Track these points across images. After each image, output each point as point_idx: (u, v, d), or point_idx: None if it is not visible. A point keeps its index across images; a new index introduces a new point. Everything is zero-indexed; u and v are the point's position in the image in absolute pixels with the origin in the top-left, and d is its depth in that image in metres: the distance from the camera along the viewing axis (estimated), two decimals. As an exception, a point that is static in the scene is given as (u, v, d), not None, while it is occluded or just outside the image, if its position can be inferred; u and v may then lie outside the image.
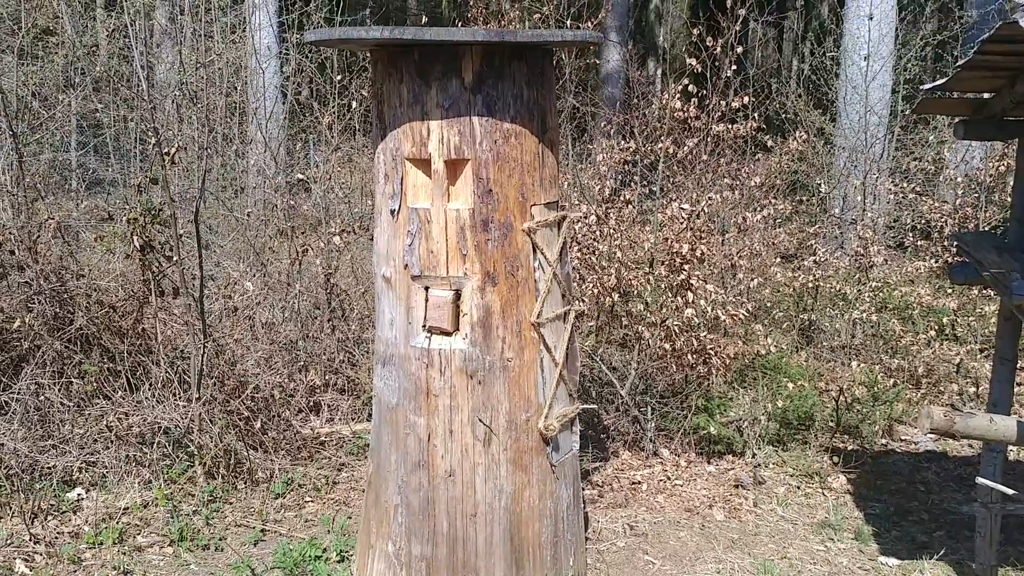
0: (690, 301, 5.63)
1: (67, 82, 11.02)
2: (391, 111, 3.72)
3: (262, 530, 4.92)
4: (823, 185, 9.13)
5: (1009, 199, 7.64)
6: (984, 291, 7.67)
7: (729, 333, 6.60)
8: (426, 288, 3.74)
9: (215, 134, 6.50)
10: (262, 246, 6.82)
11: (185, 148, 5.37)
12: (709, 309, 5.62)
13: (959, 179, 8.13)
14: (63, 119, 10.23)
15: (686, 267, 5.59)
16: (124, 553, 4.59)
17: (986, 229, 7.38)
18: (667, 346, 5.88)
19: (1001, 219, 8.15)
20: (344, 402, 6.51)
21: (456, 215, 3.65)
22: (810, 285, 7.96)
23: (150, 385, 5.33)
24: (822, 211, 9.64)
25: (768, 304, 8.23)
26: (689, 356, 5.79)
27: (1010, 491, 3.77)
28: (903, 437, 6.82)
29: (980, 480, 4.01)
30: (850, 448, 6.40)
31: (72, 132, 11.16)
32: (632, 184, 6.72)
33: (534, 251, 3.77)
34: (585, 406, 4.21)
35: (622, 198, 6.25)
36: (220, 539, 4.79)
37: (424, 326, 3.75)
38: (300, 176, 6.58)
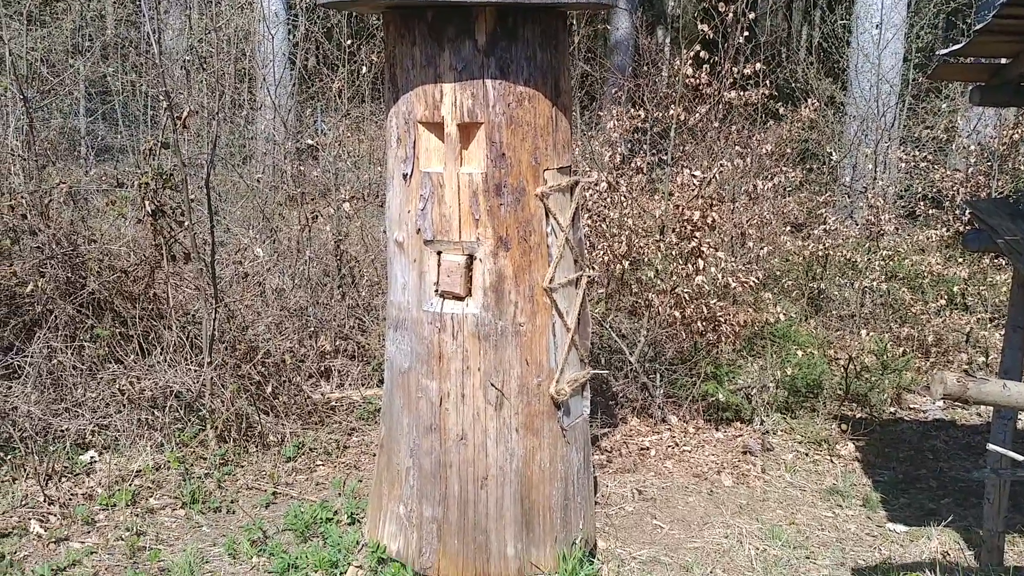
0: (701, 268, 5.62)
1: (75, 48, 10.98)
2: (403, 74, 3.70)
3: (273, 493, 4.96)
4: (834, 154, 9.06)
5: (1023, 167, 7.61)
6: (995, 260, 7.64)
7: (738, 301, 6.60)
8: (438, 253, 3.73)
9: (224, 100, 6.48)
10: (272, 212, 6.81)
11: (197, 113, 5.35)
12: (720, 276, 5.61)
13: (972, 147, 8.07)
14: (71, 85, 10.20)
15: (697, 234, 5.58)
16: (137, 515, 4.63)
17: (999, 197, 7.33)
18: (677, 313, 5.88)
19: (1013, 187, 8.10)
20: (354, 368, 6.54)
21: (469, 179, 3.64)
22: (820, 254, 7.94)
23: (162, 349, 5.35)
24: (832, 180, 9.58)
25: (777, 273, 8.22)
26: (699, 323, 5.80)
27: (1021, 457, 3.77)
28: (912, 406, 6.83)
29: (991, 447, 4.00)
30: (858, 416, 6.42)
31: (81, 98, 11.14)
32: (642, 152, 6.67)
33: (547, 216, 3.76)
34: (596, 371, 4.22)
35: (633, 165, 6.23)
36: (232, 502, 4.83)
37: (436, 290, 3.75)
38: (310, 142, 6.56)
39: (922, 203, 8.11)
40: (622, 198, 5.85)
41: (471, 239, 3.68)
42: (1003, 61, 4.41)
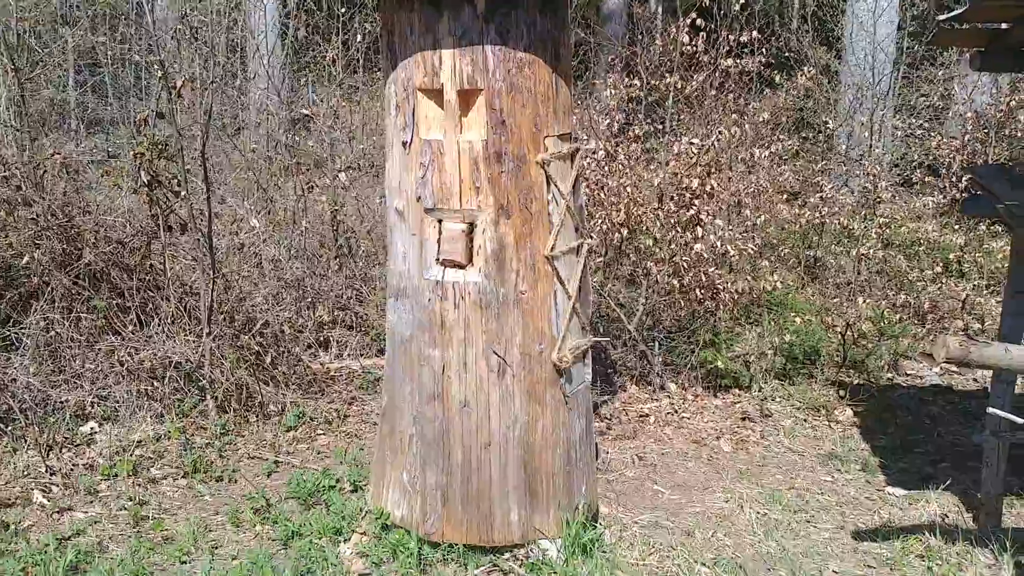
0: (699, 236, 5.62)
1: (63, 19, 10.88)
2: (402, 41, 3.67)
3: (275, 462, 4.97)
4: (830, 122, 9.05)
5: (1020, 134, 7.61)
6: (991, 227, 7.66)
7: (735, 269, 6.61)
8: (439, 221, 3.72)
9: (218, 69, 6.42)
10: (267, 183, 6.78)
11: (192, 82, 5.31)
12: (719, 244, 5.61)
13: (968, 115, 8.05)
14: (60, 57, 10.12)
15: (696, 202, 5.58)
16: (139, 485, 4.65)
17: (998, 163, 7.34)
18: (675, 282, 5.89)
19: (1009, 155, 8.10)
20: (352, 338, 6.55)
21: (469, 147, 3.62)
22: (816, 222, 7.94)
23: (159, 321, 5.34)
24: (828, 148, 9.57)
25: (774, 241, 8.23)
26: (697, 291, 5.80)
27: (1020, 420, 3.81)
28: (908, 372, 6.86)
29: (990, 410, 4.04)
30: (856, 383, 6.45)
31: (70, 70, 11.05)
32: (639, 121, 6.65)
33: (548, 183, 3.75)
34: (597, 339, 4.23)
35: (631, 134, 6.21)
36: (233, 471, 4.85)
37: (438, 259, 3.74)
38: (305, 112, 6.52)
39: (918, 171, 8.10)
40: (620, 166, 5.84)
41: (472, 207, 3.67)
42: (1003, 26, 4.39)
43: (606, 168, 6.04)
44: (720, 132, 5.92)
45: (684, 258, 5.69)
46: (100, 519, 4.33)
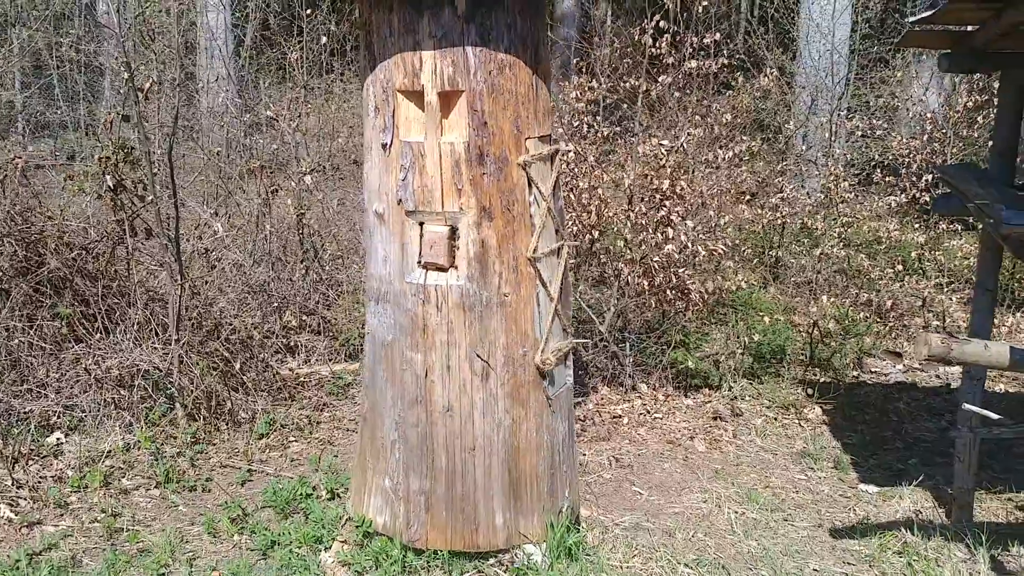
0: (670, 237, 5.64)
1: (8, 20, 10.63)
2: (380, 42, 3.63)
3: (248, 470, 4.89)
4: (791, 123, 9.15)
5: (975, 134, 7.76)
6: (951, 226, 7.80)
7: (699, 269, 6.64)
8: (421, 224, 3.69)
9: (182, 71, 6.29)
10: (231, 187, 6.67)
11: (159, 84, 5.20)
12: (689, 244, 5.64)
13: (928, 115, 8.17)
14: (5, 60, 9.89)
15: (667, 203, 5.59)
16: (110, 496, 4.54)
17: (955, 163, 7.47)
18: (645, 283, 5.90)
19: (965, 154, 8.25)
20: (320, 343, 6.47)
21: (451, 149, 3.59)
22: (777, 222, 8.02)
23: (125, 328, 5.23)
24: (786, 149, 9.68)
25: (736, 242, 8.29)
26: (668, 292, 5.82)
27: (995, 415, 3.86)
28: (873, 369, 6.96)
29: (965, 406, 4.10)
30: (822, 380, 6.51)
31: (16, 73, 10.80)
32: (608, 122, 6.65)
33: (529, 185, 3.73)
34: (577, 340, 4.22)
35: (600, 135, 6.21)
36: (207, 480, 4.76)
37: (419, 262, 3.71)
38: (269, 114, 6.43)
39: (878, 170, 8.22)
40: (590, 168, 5.84)
41: (454, 209, 3.63)
42: (968, 28, 4.47)
43: (575, 170, 6.03)
44: (689, 133, 5.94)
45: (655, 259, 5.70)
46: (72, 532, 4.22)
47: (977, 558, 4.19)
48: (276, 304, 6.34)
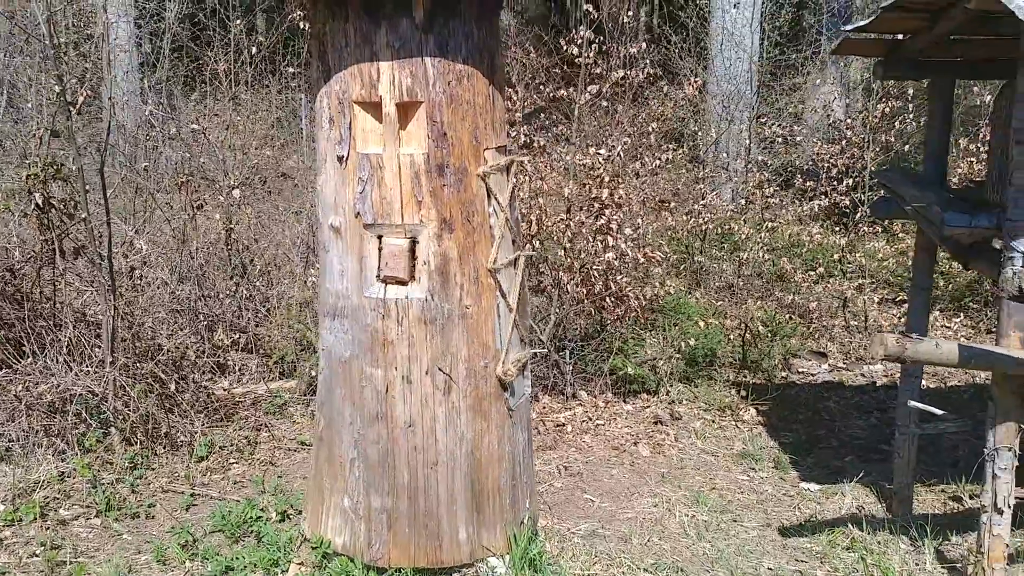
0: (610, 245, 5.69)
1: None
2: (335, 52, 3.57)
3: (192, 494, 4.74)
4: (712, 130, 9.35)
5: (892, 139, 8.05)
6: (871, 228, 8.07)
7: (633, 276, 6.72)
8: (379, 237, 3.63)
9: (114, 86, 6.06)
10: (157, 203, 6.46)
11: (94, 97, 4.99)
12: (629, 252, 5.70)
13: (847, 119, 8.41)
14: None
15: (606, 211, 5.64)
16: (48, 528, 4.34)
17: (872, 169, 7.75)
18: (584, 290, 5.94)
19: (883, 159, 8.55)
20: (252, 361, 6.32)
21: (410, 160, 3.55)
22: (700, 229, 8.16)
23: (56, 351, 5.01)
24: (704, 157, 9.87)
25: (664, 249, 8.41)
26: (608, 300, 5.87)
27: (939, 411, 4.01)
28: (800, 370, 7.14)
29: (911, 403, 4.24)
30: (753, 382, 6.65)
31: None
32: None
33: (488, 196, 3.71)
34: (535, 350, 4.22)
35: (536, 145, 6.23)
36: (149, 506, 4.59)
37: (378, 276, 3.65)
38: (195, 126, 6.25)
39: (798, 176, 8.46)
40: (529, 177, 5.85)
41: (414, 222, 3.59)
42: (900, 37, 4.64)
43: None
44: (625, 141, 6.01)
45: (596, 267, 5.75)
46: (9, 568, 4.01)
47: (922, 549, 4.34)
48: (206, 322, 6.16)
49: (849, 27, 4.29)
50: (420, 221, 3.58)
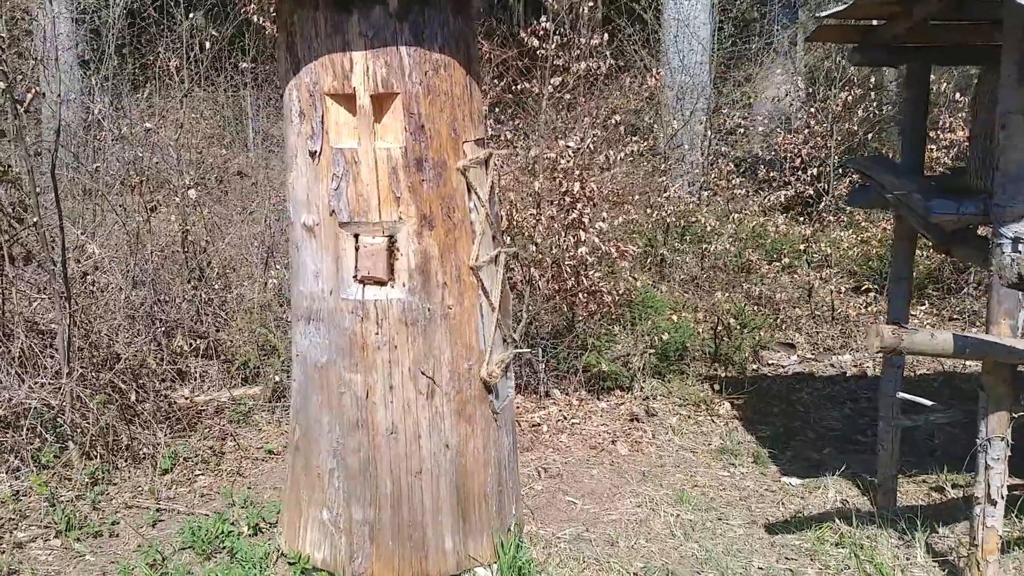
0: (582, 240, 5.57)
1: None
2: (304, 43, 3.40)
3: (157, 510, 4.51)
4: (674, 122, 9.27)
5: (855, 127, 8.04)
6: (837, 218, 8.05)
7: (604, 271, 6.61)
8: (355, 236, 3.46)
9: (61, 83, 5.75)
10: (111, 204, 6.18)
11: (43, 95, 4.74)
12: (603, 246, 5.58)
13: (811, 110, 8.35)
14: None
15: (578, 205, 5.52)
16: (3, 552, 4.09)
17: (836, 158, 7.73)
18: (556, 286, 5.82)
19: (846, 148, 8.55)
20: (212, 367, 6.09)
21: (387, 154, 3.39)
22: (666, 221, 8.08)
23: (8, 363, 4.75)
24: (664, 148, 9.80)
25: (631, 243, 8.32)
26: (581, 295, 5.75)
27: (928, 402, 3.95)
28: (769, 362, 7.09)
29: (900, 395, 4.17)
30: (724, 375, 6.58)
31: None
32: (510, 124, 6.53)
33: (468, 191, 3.57)
34: (519, 350, 4.08)
35: (503, 138, 6.09)
36: (113, 524, 4.36)
37: (356, 276, 3.48)
38: (148, 126, 5.98)
39: (761, 166, 8.42)
40: (498, 172, 5.69)
41: (392, 219, 3.43)
42: (874, 23, 4.57)
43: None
44: (595, 134, 5.89)
45: (568, 262, 5.62)
46: (-36, 596, 3.78)
47: (912, 542, 4.28)
48: (163, 328, 5.92)
49: (824, 13, 4.20)
50: (399, 218, 3.43)
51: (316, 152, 3.44)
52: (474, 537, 3.74)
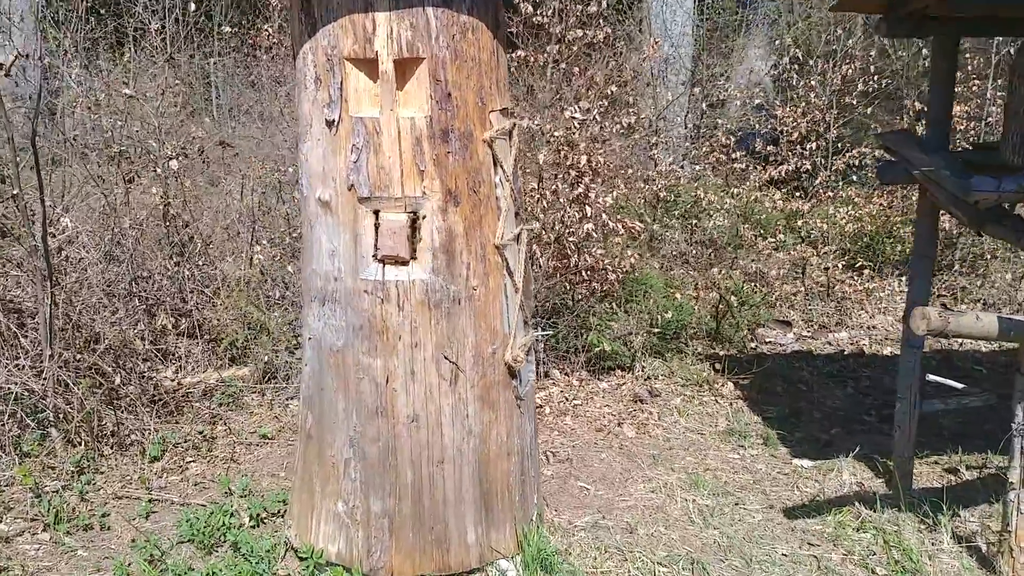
0: (588, 215, 5.37)
1: None
2: (322, 2, 3.14)
3: (150, 500, 4.27)
4: (669, 94, 9.08)
5: (854, 102, 7.91)
6: (835, 194, 7.93)
7: (604, 247, 6.42)
8: (375, 212, 3.23)
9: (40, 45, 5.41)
10: (91, 174, 5.86)
11: (26, 56, 4.41)
12: (610, 223, 5.38)
13: (812, 83, 8.18)
14: None
15: (584, 179, 5.31)
16: (-11, 546, 3.84)
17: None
18: (557, 263, 5.62)
19: (844, 122, 8.41)
20: (196, 347, 5.82)
21: (411, 124, 3.15)
22: (660, 196, 7.91)
23: (-15, 345, 4.46)
24: (656, 123, 9.61)
25: (647, 220, 8.15)
26: (585, 272, 5.56)
27: (959, 385, 3.82)
28: (767, 340, 6.97)
29: (930, 377, 4.04)
30: (723, 354, 6.45)
31: None
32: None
33: (494, 164, 3.35)
34: (539, 332, 3.88)
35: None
36: (103, 516, 4.11)
37: (375, 255, 3.26)
38: (128, 92, 5.65)
39: (758, 140, 8.27)
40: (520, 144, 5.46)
41: (416, 194, 3.20)
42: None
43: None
44: (601, 104, 5.67)
45: (571, 239, 5.42)
46: (-51, 596, 3.53)
47: (936, 527, 4.17)
48: (145, 306, 5.64)
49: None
50: (423, 193, 3.20)
51: (334, 121, 3.20)
52: (497, 528, 3.55)
